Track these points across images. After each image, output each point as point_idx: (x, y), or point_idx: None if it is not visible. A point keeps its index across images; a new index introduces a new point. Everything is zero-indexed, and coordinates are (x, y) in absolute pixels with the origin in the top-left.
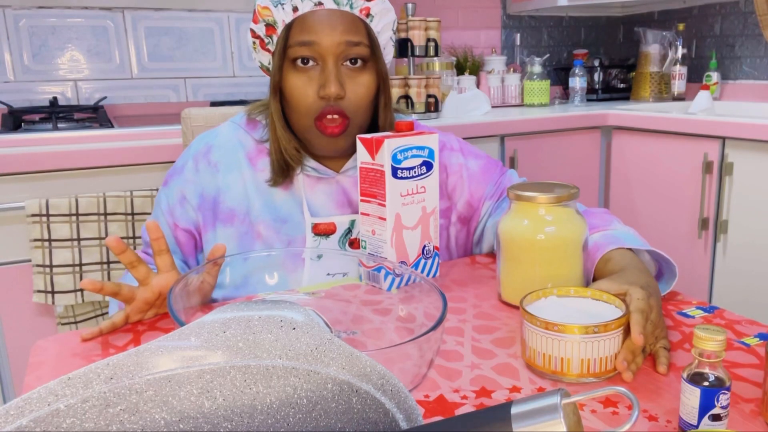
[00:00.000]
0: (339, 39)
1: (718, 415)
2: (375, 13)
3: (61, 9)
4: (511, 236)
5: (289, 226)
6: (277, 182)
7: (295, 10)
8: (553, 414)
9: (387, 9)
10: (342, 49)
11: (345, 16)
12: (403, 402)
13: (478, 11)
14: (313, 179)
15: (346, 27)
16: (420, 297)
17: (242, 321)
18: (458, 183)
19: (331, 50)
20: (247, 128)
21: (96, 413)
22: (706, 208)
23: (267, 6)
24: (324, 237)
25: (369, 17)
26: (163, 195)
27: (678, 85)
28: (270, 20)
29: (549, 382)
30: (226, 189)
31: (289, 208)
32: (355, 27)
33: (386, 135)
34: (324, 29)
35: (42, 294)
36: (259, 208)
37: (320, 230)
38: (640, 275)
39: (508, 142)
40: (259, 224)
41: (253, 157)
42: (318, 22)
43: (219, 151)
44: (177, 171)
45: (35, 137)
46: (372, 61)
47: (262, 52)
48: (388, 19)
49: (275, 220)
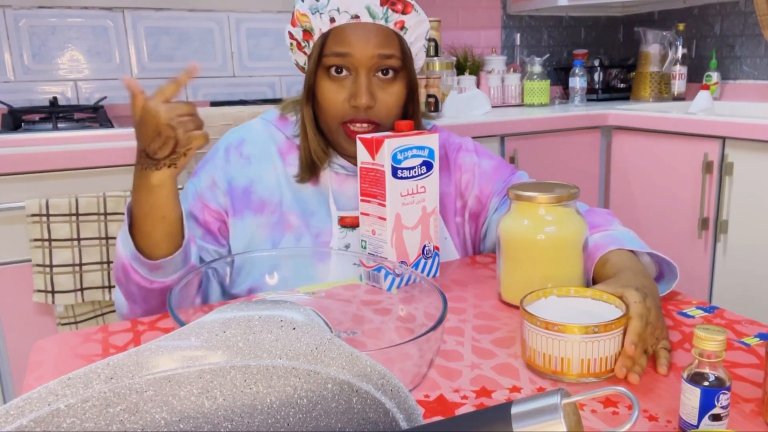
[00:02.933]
0: (372, 52)
1: (718, 415)
2: (409, 27)
3: (61, 9)
4: (512, 236)
5: (316, 219)
6: (304, 179)
7: (332, 20)
8: (553, 414)
9: (421, 21)
10: (375, 62)
11: (380, 29)
12: (403, 402)
13: (478, 11)
14: (342, 176)
15: (380, 40)
16: (420, 297)
17: (242, 321)
18: (470, 180)
19: (364, 62)
20: (279, 125)
21: (96, 413)
22: (706, 208)
23: (306, 13)
24: (350, 229)
25: (403, 30)
26: (191, 184)
27: (678, 85)
28: (308, 26)
29: (549, 382)
30: (259, 180)
31: (317, 202)
32: (389, 40)
33: (386, 135)
34: (359, 42)
35: (42, 294)
36: (289, 200)
37: (346, 223)
38: (636, 277)
39: (508, 142)
40: (290, 215)
41: (284, 152)
42: (353, 35)
43: (252, 144)
44: (207, 160)
45: (35, 137)
46: (403, 71)
47: (298, 53)
48: (422, 30)
49: (304, 213)
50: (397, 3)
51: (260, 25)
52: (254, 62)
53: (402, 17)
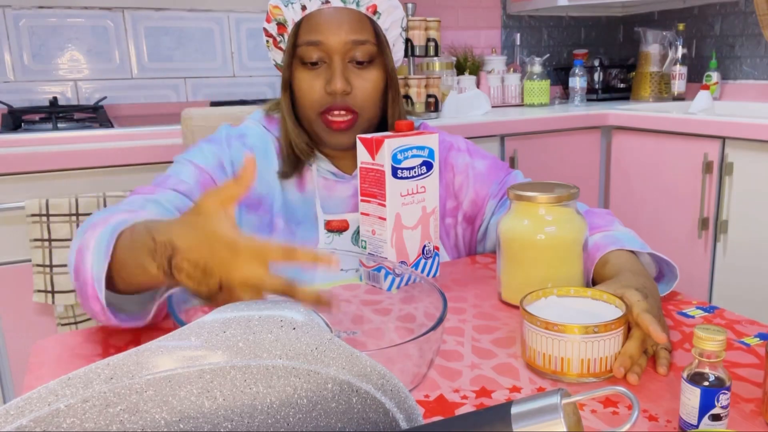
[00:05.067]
0: (345, 38)
1: (718, 415)
2: (382, 11)
3: (61, 9)
4: (512, 236)
5: (302, 229)
6: (287, 175)
7: (303, 8)
8: (553, 414)
9: (394, 6)
10: (348, 48)
11: (352, 14)
12: (403, 402)
13: (478, 11)
14: (331, 182)
15: (352, 26)
16: (420, 297)
17: (242, 321)
18: (464, 182)
19: (338, 49)
20: (267, 125)
21: (96, 413)
22: (706, 208)
23: (278, 5)
24: (337, 234)
25: (376, 14)
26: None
27: (678, 85)
28: (281, 19)
29: (549, 382)
30: (260, 175)
31: (305, 208)
32: (362, 25)
33: (386, 135)
34: (330, 28)
35: (42, 294)
36: (279, 204)
37: (333, 227)
38: (636, 278)
39: (508, 142)
40: (278, 217)
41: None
42: (324, 21)
43: (253, 138)
44: (210, 140)
45: (35, 137)
46: (379, 58)
47: (275, 50)
48: (396, 16)
49: (290, 220)
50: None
51: (260, 25)
52: (254, 62)
53: (374, 1)
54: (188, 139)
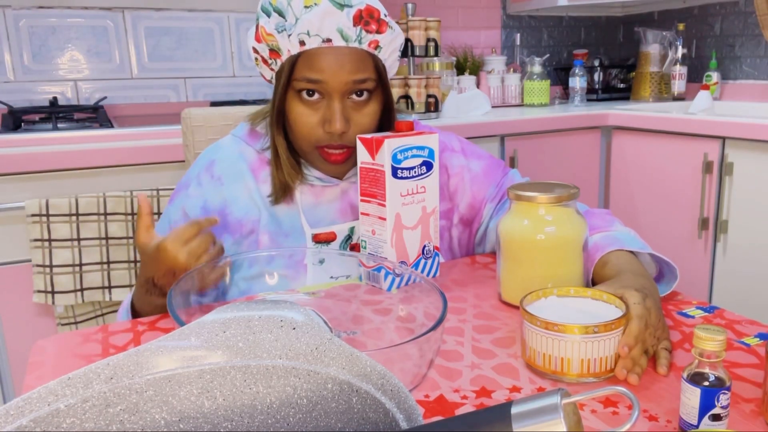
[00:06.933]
0: (346, 78)
1: (719, 415)
2: (384, 45)
3: (61, 9)
4: (511, 236)
5: (290, 240)
6: (279, 200)
7: (302, 44)
8: (553, 414)
9: (395, 36)
10: (349, 87)
11: (354, 53)
12: (403, 402)
13: (478, 11)
14: (318, 188)
15: (354, 65)
16: (420, 297)
17: (242, 321)
18: (460, 185)
19: (338, 89)
20: (249, 140)
21: (96, 413)
22: (706, 208)
23: (272, 33)
24: (325, 244)
25: (377, 49)
26: (165, 215)
27: (678, 85)
28: (274, 46)
29: (549, 382)
30: (233, 200)
31: (291, 222)
32: (363, 64)
33: (386, 135)
34: (331, 68)
35: (42, 294)
36: (265, 219)
37: (320, 239)
38: (636, 278)
39: (508, 142)
40: (264, 234)
41: (256, 169)
42: (325, 61)
43: (222, 164)
44: (181, 187)
45: (35, 137)
46: (378, 90)
47: (264, 67)
48: (397, 44)
49: (278, 234)
50: (371, 23)
51: None
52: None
53: (376, 37)
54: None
